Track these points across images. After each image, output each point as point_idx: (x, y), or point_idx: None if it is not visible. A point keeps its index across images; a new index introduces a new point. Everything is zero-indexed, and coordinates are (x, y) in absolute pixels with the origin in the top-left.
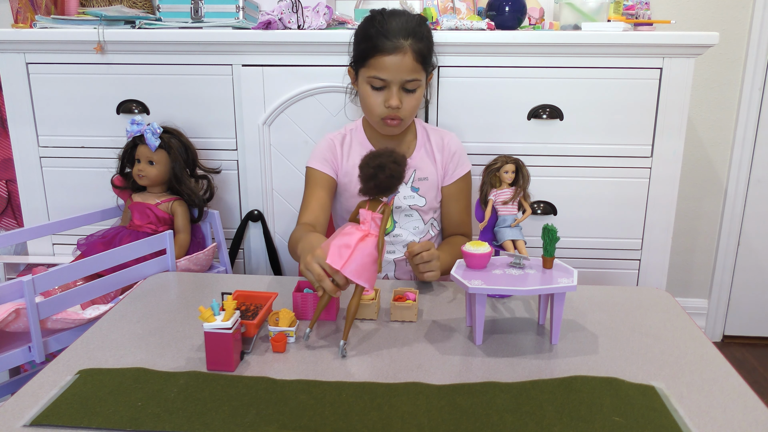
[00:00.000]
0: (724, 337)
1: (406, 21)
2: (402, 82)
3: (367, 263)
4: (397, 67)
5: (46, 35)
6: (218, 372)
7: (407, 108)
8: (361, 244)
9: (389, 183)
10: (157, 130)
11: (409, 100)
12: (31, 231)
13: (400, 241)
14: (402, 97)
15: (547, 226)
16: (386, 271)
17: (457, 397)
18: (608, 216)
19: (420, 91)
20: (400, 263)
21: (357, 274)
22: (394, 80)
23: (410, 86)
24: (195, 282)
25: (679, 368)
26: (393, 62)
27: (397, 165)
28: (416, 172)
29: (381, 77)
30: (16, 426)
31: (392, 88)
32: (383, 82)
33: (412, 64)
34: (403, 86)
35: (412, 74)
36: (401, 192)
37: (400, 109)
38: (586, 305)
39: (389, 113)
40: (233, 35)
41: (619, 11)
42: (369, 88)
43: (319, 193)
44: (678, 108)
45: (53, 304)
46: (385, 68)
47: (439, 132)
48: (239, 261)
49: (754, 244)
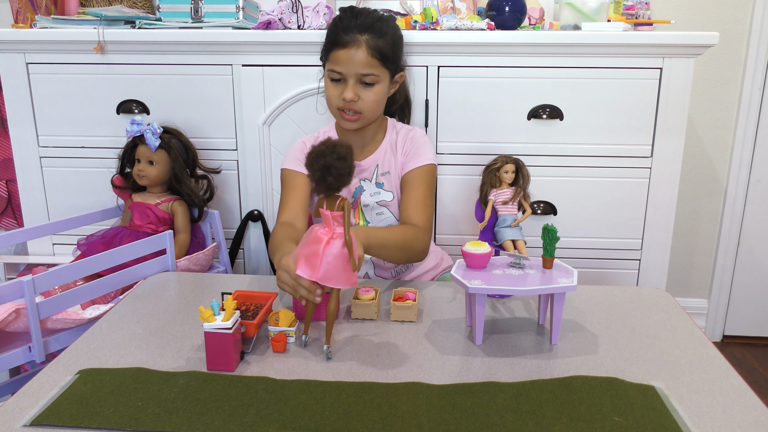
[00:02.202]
0: (724, 337)
1: (366, 17)
2: (357, 75)
3: (338, 265)
4: (350, 61)
5: (46, 35)
6: (218, 372)
7: (366, 101)
8: (327, 249)
9: (339, 182)
10: (157, 130)
11: (368, 94)
12: (31, 231)
13: None
14: (359, 91)
15: (547, 226)
16: (366, 269)
17: (457, 397)
18: (608, 216)
19: (380, 87)
20: (378, 261)
21: (330, 279)
22: (348, 73)
23: (368, 80)
24: (195, 282)
25: (679, 368)
26: (347, 56)
27: (343, 160)
28: (378, 167)
29: (336, 70)
30: (16, 426)
31: (348, 81)
32: (339, 75)
33: (366, 58)
34: (361, 80)
35: (367, 68)
36: (367, 190)
37: (356, 102)
38: (586, 305)
39: (345, 105)
40: (233, 35)
41: (619, 11)
42: (329, 81)
43: (295, 192)
44: (678, 108)
45: (53, 304)
46: (340, 61)
47: (408, 128)
48: (239, 261)
49: (754, 244)
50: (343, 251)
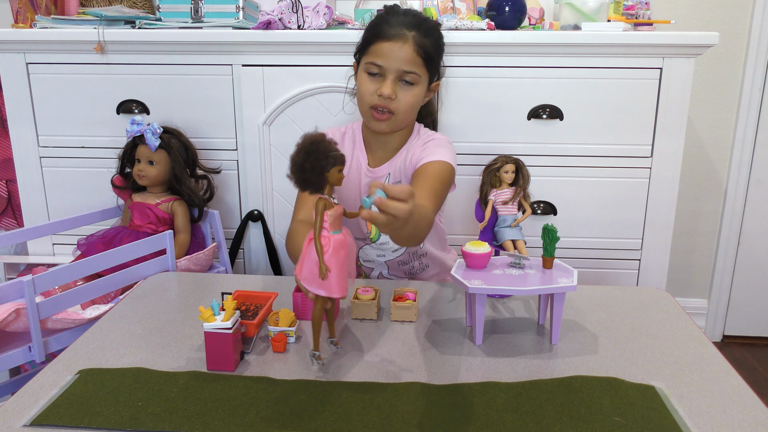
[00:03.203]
0: (724, 337)
1: (414, 16)
2: (399, 72)
3: (314, 268)
4: (395, 55)
5: (46, 35)
6: (218, 372)
7: (402, 102)
8: (307, 250)
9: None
10: (157, 130)
11: (405, 95)
12: (31, 231)
13: (388, 248)
14: (397, 89)
15: (547, 226)
16: (379, 270)
17: (457, 397)
18: (608, 216)
19: (418, 89)
20: (393, 264)
21: (306, 281)
22: (390, 68)
23: (408, 78)
24: (195, 282)
25: (679, 368)
26: (391, 49)
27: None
28: (390, 175)
29: (377, 63)
30: (16, 426)
31: (388, 76)
32: (379, 68)
33: (411, 55)
34: (401, 78)
35: (411, 65)
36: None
37: (392, 101)
38: (586, 305)
39: (379, 102)
40: (233, 35)
41: (619, 11)
42: (365, 75)
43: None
44: (678, 108)
45: (53, 304)
46: (383, 54)
47: (432, 133)
48: (239, 261)
49: (754, 244)
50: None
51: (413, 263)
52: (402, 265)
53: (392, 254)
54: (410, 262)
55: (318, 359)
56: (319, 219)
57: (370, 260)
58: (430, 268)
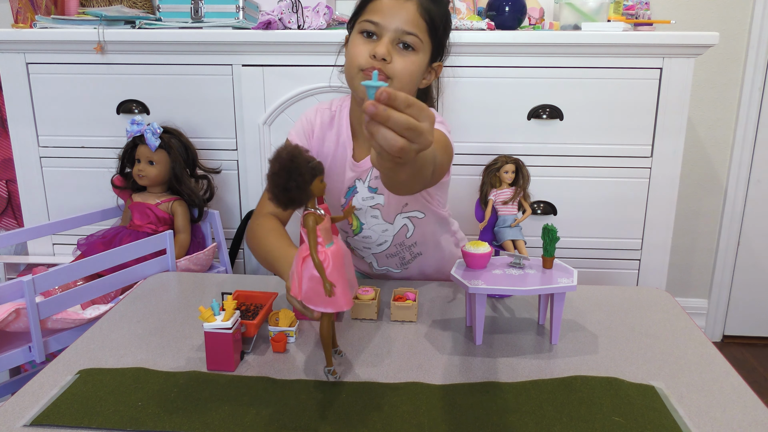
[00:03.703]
0: (724, 337)
1: None
2: (398, 32)
3: (315, 287)
4: (395, 12)
5: (46, 35)
6: (218, 372)
7: (398, 66)
8: (304, 268)
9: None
10: (157, 130)
11: (403, 61)
12: (31, 231)
13: (372, 242)
14: (394, 53)
15: (547, 226)
16: (370, 260)
17: (457, 397)
18: (608, 216)
19: (418, 58)
20: (381, 256)
21: (309, 301)
22: (388, 26)
23: (408, 40)
24: (195, 282)
25: (679, 368)
26: (392, 6)
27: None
28: (372, 170)
29: (374, 20)
30: (16, 426)
31: (384, 36)
32: (375, 26)
33: (414, 15)
34: (401, 40)
35: (412, 26)
36: (360, 193)
37: (387, 65)
38: (586, 305)
39: (372, 64)
40: (233, 35)
41: (619, 11)
42: (358, 36)
43: None
44: (678, 108)
45: (53, 304)
46: (381, 10)
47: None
48: (239, 261)
49: (754, 244)
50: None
51: (403, 254)
52: (390, 257)
53: (377, 248)
54: (399, 253)
55: (333, 374)
56: (312, 236)
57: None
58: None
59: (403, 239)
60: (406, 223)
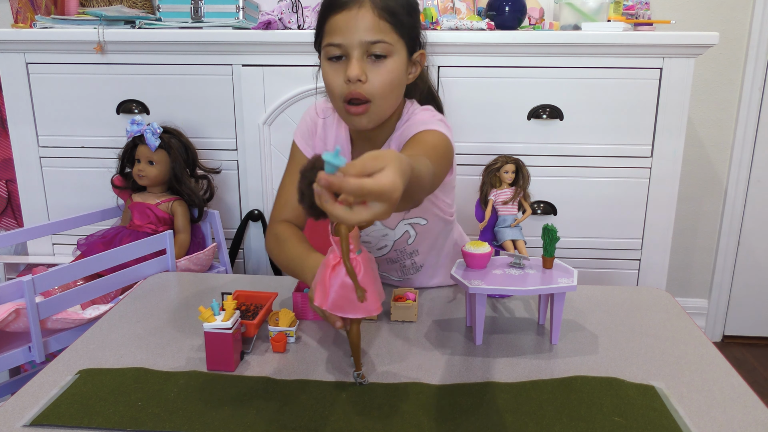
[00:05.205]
0: (724, 337)
1: None
2: (363, 45)
3: (345, 294)
4: (352, 25)
5: (46, 35)
6: (218, 372)
7: (376, 83)
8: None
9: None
10: (157, 130)
11: (378, 72)
12: (31, 231)
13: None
14: (367, 68)
15: (547, 226)
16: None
17: (457, 397)
18: (608, 216)
19: (394, 62)
20: (381, 261)
21: (338, 308)
22: (351, 43)
23: (377, 50)
24: (195, 282)
25: (679, 368)
26: (346, 20)
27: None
28: None
29: (335, 42)
30: (16, 426)
31: (351, 54)
32: (339, 48)
33: (372, 20)
34: (369, 52)
35: (375, 33)
36: None
37: (363, 85)
38: (586, 305)
39: (351, 90)
40: (233, 35)
41: (619, 11)
42: (327, 64)
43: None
44: (678, 108)
45: (53, 304)
46: (339, 29)
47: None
48: (239, 261)
49: (754, 244)
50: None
51: (403, 261)
52: (391, 263)
53: (377, 252)
54: (399, 260)
55: (362, 377)
56: (345, 244)
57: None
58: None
59: (404, 245)
60: (408, 229)
